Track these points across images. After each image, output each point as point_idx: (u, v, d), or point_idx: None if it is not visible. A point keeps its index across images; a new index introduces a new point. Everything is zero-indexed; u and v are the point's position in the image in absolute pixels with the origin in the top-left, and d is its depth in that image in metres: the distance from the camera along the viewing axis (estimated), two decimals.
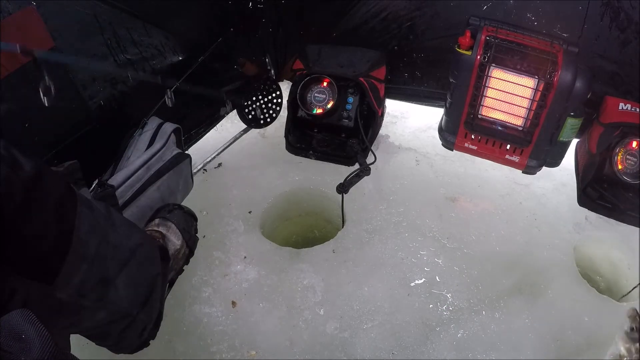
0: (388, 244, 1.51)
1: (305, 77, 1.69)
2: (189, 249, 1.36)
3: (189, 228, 1.36)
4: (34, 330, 0.68)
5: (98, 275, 0.93)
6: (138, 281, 1.05)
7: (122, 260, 0.99)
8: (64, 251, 0.85)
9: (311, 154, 1.76)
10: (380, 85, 1.73)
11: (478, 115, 1.62)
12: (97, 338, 1.07)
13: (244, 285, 1.39)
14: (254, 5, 1.79)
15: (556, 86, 1.43)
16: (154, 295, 1.11)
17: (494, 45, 1.46)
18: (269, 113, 1.90)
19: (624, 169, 1.52)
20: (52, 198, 0.85)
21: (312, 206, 1.75)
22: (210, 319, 1.30)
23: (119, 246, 0.99)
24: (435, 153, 1.83)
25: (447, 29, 1.71)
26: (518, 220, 1.60)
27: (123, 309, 1.01)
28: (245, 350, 1.25)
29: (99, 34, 1.28)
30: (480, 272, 1.44)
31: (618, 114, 1.54)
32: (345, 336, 1.28)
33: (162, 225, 1.30)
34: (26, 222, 0.80)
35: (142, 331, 1.12)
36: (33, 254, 0.82)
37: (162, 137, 1.46)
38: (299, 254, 1.48)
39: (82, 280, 0.89)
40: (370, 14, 1.77)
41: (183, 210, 1.38)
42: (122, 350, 1.14)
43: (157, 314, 1.17)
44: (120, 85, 1.39)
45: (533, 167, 1.65)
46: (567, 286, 1.40)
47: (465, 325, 1.31)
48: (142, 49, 1.44)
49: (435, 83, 1.87)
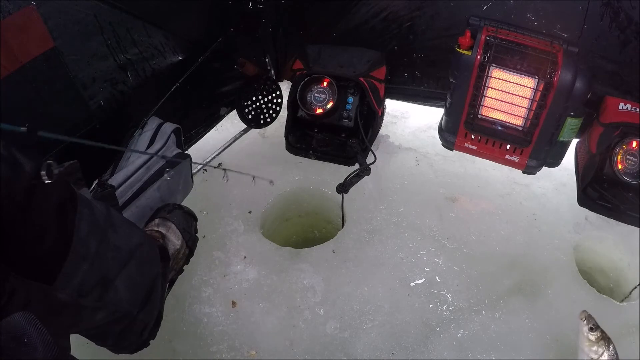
0: (388, 244, 1.51)
1: (305, 77, 1.69)
2: (189, 249, 1.36)
3: (189, 228, 1.36)
4: (36, 334, 0.68)
5: (98, 276, 0.93)
6: (138, 281, 1.05)
7: (122, 261, 0.99)
8: (64, 252, 0.85)
9: (311, 154, 1.76)
10: (380, 85, 1.72)
11: (478, 115, 1.62)
12: (97, 338, 1.07)
13: (244, 285, 1.39)
14: (254, 5, 1.79)
15: (556, 86, 1.43)
16: (154, 295, 1.11)
17: (494, 45, 1.46)
18: (269, 113, 1.90)
19: (624, 169, 1.52)
20: (53, 199, 0.85)
21: (312, 206, 1.75)
22: (210, 319, 1.31)
23: (119, 246, 0.99)
24: (435, 153, 1.83)
25: (447, 29, 1.71)
26: (518, 220, 1.60)
27: (123, 309, 1.01)
28: (245, 350, 1.25)
29: (99, 34, 1.28)
30: (480, 272, 1.44)
31: (618, 114, 1.53)
32: (345, 336, 1.28)
33: (162, 225, 1.30)
34: (27, 223, 0.80)
35: (142, 331, 1.12)
36: (33, 255, 0.82)
37: (162, 137, 1.46)
38: (299, 254, 1.48)
39: (82, 281, 0.89)
40: (370, 14, 1.77)
41: (183, 210, 1.38)
42: (122, 350, 1.14)
43: (157, 314, 1.17)
44: (120, 85, 1.39)
45: (533, 167, 1.65)
46: (567, 286, 1.40)
47: (465, 325, 1.31)
48: (142, 49, 1.44)
49: (435, 83, 1.87)
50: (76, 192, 0.92)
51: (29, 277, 0.79)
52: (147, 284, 1.08)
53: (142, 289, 1.07)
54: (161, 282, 1.16)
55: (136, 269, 1.03)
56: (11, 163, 0.79)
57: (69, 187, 0.91)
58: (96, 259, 0.92)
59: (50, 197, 0.85)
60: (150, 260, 1.12)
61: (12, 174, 0.78)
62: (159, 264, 1.15)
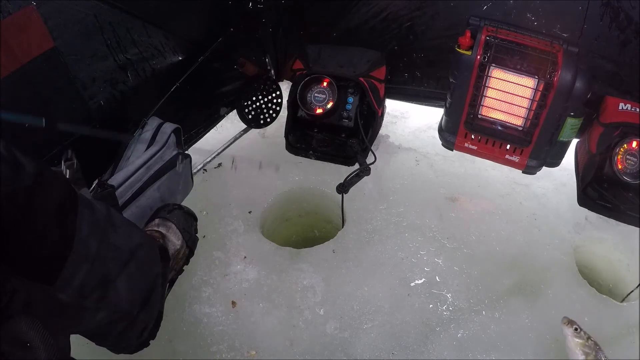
0: (388, 244, 1.51)
1: (305, 77, 1.69)
2: (189, 249, 1.36)
3: (189, 228, 1.36)
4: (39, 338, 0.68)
5: (99, 276, 0.93)
6: (138, 281, 1.05)
7: (122, 261, 1.00)
8: (65, 252, 0.85)
9: (311, 154, 1.76)
10: (380, 85, 1.72)
11: (478, 115, 1.62)
12: (98, 338, 1.07)
13: (244, 285, 1.39)
14: (254, 5, 1.79)
15: (556, 86, 1.43)
16: (154, 295, 1.11)
17: (494, 45, 1.46)
18: (269, 113, 1.90)
19: (624, 168, 1.52)
20: (54, 199, 0.85)
21: (312, 206, 1.75)
22: (210, 319, 1.30)
23: (119, 247, 0.99)
24: (435, 153, 1.83)
25: (447, 29, 1.70)
26: (518, 220, 1.60)
27: (123, 309, 1.01)
28: (245, 350, 1.25)
29: (99, 34, 1.28)
30: (480, 272, 1.44)
31: (618, 114, 1.53)
32: (345, 336, 1.28)
33: (162, 225, 1.30)
34: (28, 223, 0.80)
35: (142, 331, 1.12)
36: (34, 255, 0.82)
37: (162, 137, 1.46)
38: (299, 254, 1.48)
39: (83, 281, 0.89)
40: (370, 14, 1.77)
41: (183, 210, 1.38)
42: (122, 350, 1.14)
43: (158, 314, 1.17)
44: (120, 85, 1.39)
45: (533, 167, 1.65)
46: (567, 286, 1.40)
47: (465, 325, 1.31)
48: (142, 49, 1.44)
49: (435, 83, 1.87)
50: (77, 192, 0.92)
51: (30, 277, 0.79)
52: (147, 284, 1.09)
53: (142, 288, 1.07)
54: (161, 282, 1.16)
55: (136, 269, 1.03)
56: (12, 163, 0.79)
57: (69, 188, 0.91)
58: (97, 259, 0.92)
59: (51, 197, 0.85)
60: (151, 260, 1.12)
61: (13, 174, 0.78)
62: (159, 264, 1.15)
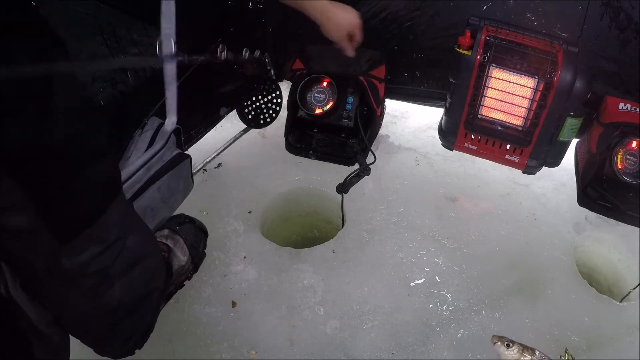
0: (388, 244, 1.51)
1: (305, 77, 1.69)
2: (194, 265, 1.36)
3: (197, 244, 1.36)
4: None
5: (102, 265, 0.94)
6: (136, 288, 1.05)
7: (128, 263, 1.00)
8: (89, 221, 0.88)
9: (311, 154, 1.76)
10: (379, 85, 1.73)
11: (478, 115, 1.62)
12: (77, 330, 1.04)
13: (244, 285, 1.39)
14: (254, 5, 1.79)
15: (556, 86, 1.43)
16: (145, 307, 1.10)
17: (493, 45, 1.46)
18: (269, 113, 1.90)
19: (623, 168, 1.52)
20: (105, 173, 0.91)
21: (312, 206, 1.75)
22: (210, 319, 1.30)
23: (131, 248, 0.99)
24: (435, 153, 1.83)
25: (447, 29, 1.71)
26: (518, 220, 1.60)
27: (110, 307, 1.00)
28: (245, 350, 1.25)
29: (99, 34, 1.28)
30: (480, 272, 1.44)
31: (618, 114, 1.54)
32: (345, 336, 1.28)
33: (171, 238, 1.30)
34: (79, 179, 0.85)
35: (127, 339, 1.10)
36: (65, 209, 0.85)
37: (162, 137, 1.46)
38: (299, 254, 1.48)
39: (89, 259, 0.90)
40: (370, 14, 1.77)
41: (194, 224, 1.37)
42: (105, 354, 1.11)
43: (147, 326, 1.16)
44: (120, 85, 1.39)
45: (533, 167, 1.65)
46: (567, 286, 1.40)
47: (465, 325, 1.31)
48: (142, 49, 1.44)
49: (435, 83, 1.87)
50: (121, 181, 0.97)
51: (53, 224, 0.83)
52: (142, 294, 1.08)
53: (136, 296, 1.06)
54: (157, 297, 1.16)
55: (139, 276, 1.03)
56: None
57: (118, 173, 0.97)
58: (109, 249, 0.93)
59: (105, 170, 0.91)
60: (154, 273, 1.13)
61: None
62: (161, 279, 1.16)
